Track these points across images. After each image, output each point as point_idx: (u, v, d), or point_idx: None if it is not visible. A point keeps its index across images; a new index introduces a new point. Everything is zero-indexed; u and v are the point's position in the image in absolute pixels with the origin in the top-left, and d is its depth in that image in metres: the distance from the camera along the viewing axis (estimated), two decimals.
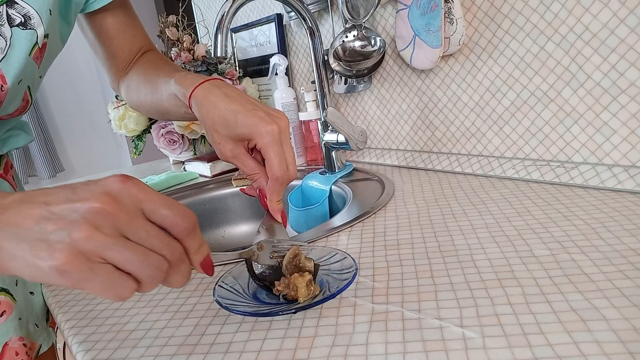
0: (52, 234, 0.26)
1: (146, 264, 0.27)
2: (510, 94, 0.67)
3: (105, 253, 0.26)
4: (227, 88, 0.45)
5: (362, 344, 0.33)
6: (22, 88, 0.48)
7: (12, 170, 0.58)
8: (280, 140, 0.42)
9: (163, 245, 0.28)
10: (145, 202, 0.28)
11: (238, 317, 0.39)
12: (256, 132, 0.41)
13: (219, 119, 0.43)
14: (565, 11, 0.58)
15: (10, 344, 0.50)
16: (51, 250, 0.25)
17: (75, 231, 0.25)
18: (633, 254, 0.40)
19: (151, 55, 0.62)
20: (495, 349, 0.30)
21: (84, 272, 0.25)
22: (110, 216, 0.26)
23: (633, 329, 0.30)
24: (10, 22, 0.45)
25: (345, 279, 0.39)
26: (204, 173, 1.06)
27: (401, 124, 0.86)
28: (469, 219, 0.54)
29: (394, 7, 0.78)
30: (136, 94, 0.59)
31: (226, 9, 0.65)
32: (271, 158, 0.41)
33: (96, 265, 0.26)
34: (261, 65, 1.15)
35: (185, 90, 0.46)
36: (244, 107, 0.42)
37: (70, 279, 0.25)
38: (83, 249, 0.25)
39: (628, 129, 0.56)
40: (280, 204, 0.44)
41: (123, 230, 0.27)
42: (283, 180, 0.42)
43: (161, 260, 0.28)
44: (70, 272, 0.25)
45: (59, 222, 0.26)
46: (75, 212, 0.26)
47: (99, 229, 0.26)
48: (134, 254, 0.27)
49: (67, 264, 0.25)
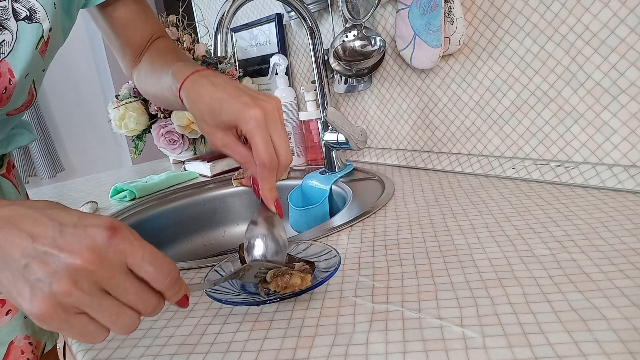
0: (34, 277, 0.27)
1: (119, 318, 0.29)
2: (511, 94, 0.67)
3: (81, 307, 0.27)
4: (215, 77, 0.44)
5: (362, 343, 0.33)
6: (28, 82, 0.49)
7: (14, 170, 0.58)
8: (266, 125, 0.40)
9: (139, 301, 0.29)
10: (130, 257, 0.29)
11: (238, 316, 0.39)
12: (240, 118, 0.40)
13: (205, 109, 0.42)
14: (565, 11, 0.58)
15: (16, 343, 0.50)
16: (32, 295, 0.27)
17: (56, 283, 0.27)
18: (633, 253, 0.40)
19: (160, 43, 0.63)
20: (496, 348, 0.30)
21: (61, 323, 0.27)
22: (90, 274, 0.27)
23: (633, 329, 0.30)
24: (16, 16, 0.45)
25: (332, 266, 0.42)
26: (204, 173, 1.06)
27: (401, 124, 0.86)
28: (469, 218, 0.54)
29: (394, 7, 0.78)
30: (144, 83, 0.59)
31: (226, 9, 0.65)
32: (256, 143, 0.39)
33: (72, 317, 0.27)
34: (261, 65, 1.15)
35: (176, 83, 0.46)
36: (229, 93, 0.41)
37: (48, 326, 0.27)
38: (61, 302, 0.27)
39: (628, 129, 0.56)
40: (273, 192, 0.42)
41: (102, 285, 0.28)
42: (271, 166, 0.40)
43: (134, 315, 0.29)
44: (47, 321, 0.27)
45: (42, 267, 0.27)
46: (59, 262, 0.27)
47: (78, 284, 0.27)
48: (107, 313, 0.28)
49: (45, 314, 0.27)
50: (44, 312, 0.27)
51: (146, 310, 0.30)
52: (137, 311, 0.29)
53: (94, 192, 1.04)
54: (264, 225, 0.43)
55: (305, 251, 0.48)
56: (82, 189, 1.10)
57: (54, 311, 0.27)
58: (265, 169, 0.40)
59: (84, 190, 1.08)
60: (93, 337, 0.28)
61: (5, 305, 0.49)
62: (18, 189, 0.56)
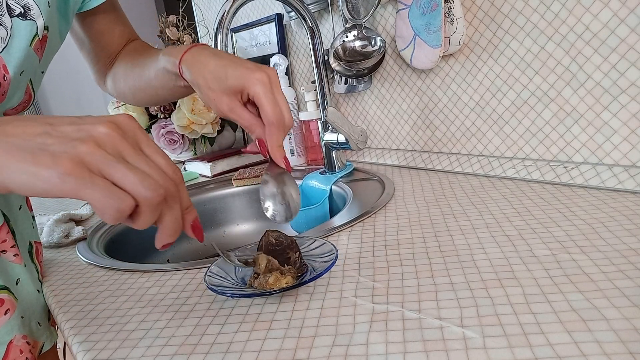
0: (54, 146, 0.27)
1: (145, 183, 0.28)
2: (511, 94, 0.67)
3: (106, 169, 0.28)
4: (214, 49, 0.48)
5: (363, 343, 0.33)
6: (24, 80, 0.49)
7: None
8: (271, 87, 0.43)
9: (161, 176, 0.30)
10: (145, 145, 0.30)
11: (238, 317, 0.39)
12: (247, 81, 0.43)
13: (210, 76, 0.44)
14: (565, 11, 0.58)
15: (15, 342, 0.50)
16: (55, 158, 0.26)
17: (80, 145, 0.27)
18: (633, 253, 0.40)
19: (136, 44, 0.65)
20: (496, 348, 0.30)
21: (86, 180, 0.27)
22: (114, 139, 0.28)
23: (633, 329, 0.30)
24: (10, 12, 0.46)
25: (329, 260, 0.43)
26: (204, 173, 1.06)
27: (401, 124, 0.86)
28: (469, 218, 0.54)
29: (394, 7, 0.78)
30: (124, 81, 0.61)
31: (226, 9, 0.65)
32: (264, 104, 0.42)
33: (96, 177, 0.27)
34: None
35: (174, 58, 0.48)
36: (232, 61, 0.44)
37: (71, 185, 0.26)
38: (86, 160, 0.27)
39: (628, 129, 0.56)
40: (281, 150, 0.44)
41: (124, 155, 0.29)
42: (279, 125, 0.43)
43: (158, 185, 0.29)
44: (72, 177, 0.26)
45: (62, 139, 0.27)
46: (81, 131, 0.28)
47: (102, 147, 0.28)
48: (133, 173, 0.28)
49: (70, 169, 0.26)
50: (70, 167, 0.26)
51: (169, 188, 0.30)
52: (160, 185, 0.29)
53: None
54: (274, 183, 0.44)
55: (309, 246, 0.49)
56: None
57: (79, 167, 0.27)
58: (273, 126, 0.43)
59: None
60: (118, 203, 0.28)
61: (3, 305, 0.49)
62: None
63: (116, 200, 0.28)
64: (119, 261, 0.60)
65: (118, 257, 0.63)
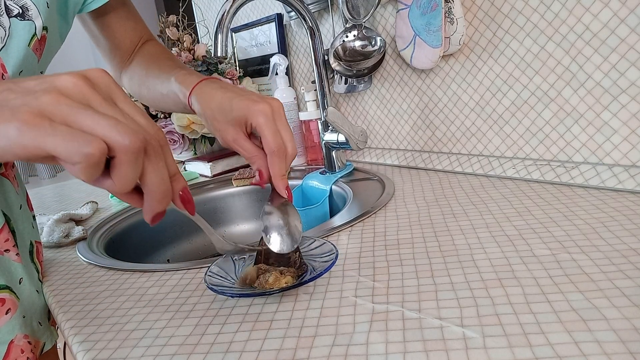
0: (15, 101, 0.25)
1: (119, 127, 0.25)
2: (511, 94, 0.67)
3: (72, 117, 0.25)
4: (222, 83, 0.49)
5: (363, 343, 0.33)
6: None
7: (13, 169, 0.58)
8: (273, 118, 0.43)
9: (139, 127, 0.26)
10: (121, 100, 0.27)
11: (238, 317, 0.39)
12: (250, 112, 0.43)
13: (216, 107, 0.46)
14: (565, 11, 0.58)
15: (16, 342, 0.50)
16: (14, 111, 0.24)
17: (42, 96, 0.25)
18: (634, 253, 0.40)
19: (152, 48, 0.65)
20: (496, 348, 0.30)
21: (46, 128, 0.24)
22: (82, 89, 0.25)
23: (633, 329, 0.30)
24: (8, 12, 0.46)
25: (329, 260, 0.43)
26: (204, 173, 1.06)
27: (401, 124, 0.86)
28: (469, 218, 0.54)
29: (394, 7, 0.78)
30: (138, 87, 0.63)
31: (226, 9, 0.65)
32: (265, 133, 0.43)
33: (58, 125, 0.25)
34: (261, 65, 1.15)
35: (185, 90, 0.50)
36: (238, 93, 0.46)
37: (29, 135, 0.24)
38: (47, 110, 0.24)
39: (628, 129, 0.56)
40: (284, 180, 0.44)
41: (94, 106, 0.26)
42: (280, 154, 0.43)
43: (134, 131, 0.26)
44: (30, 127, 0.24)
45: (24, 93, 0.25)
46: (44, 83, 0.25)
47: (65, 96, 0.25)
48: (104, 118, 0.25)
49: (29, 120, 0.24)
50: (28, 119, 0.24)
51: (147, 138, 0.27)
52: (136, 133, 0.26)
53: (94, 192, 1.04)
54: (278, 215, 0.44)
55: (309, 246, 0.49)
56: (82, 189, 1.10)
57: (39, 118, 0.24)
58: (275, 155, 0.43)
59: (84, 190, 1.08)
60: (84, 142, 0.24)
61: (5, 304, 0.50)
62: (17, 189, 0.56)
63: (81, 143, 0.24)
64: (119, 261, 0.60)
65: (118, 257, 0.63)
